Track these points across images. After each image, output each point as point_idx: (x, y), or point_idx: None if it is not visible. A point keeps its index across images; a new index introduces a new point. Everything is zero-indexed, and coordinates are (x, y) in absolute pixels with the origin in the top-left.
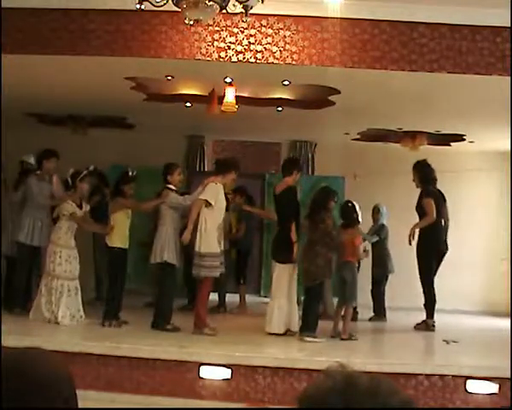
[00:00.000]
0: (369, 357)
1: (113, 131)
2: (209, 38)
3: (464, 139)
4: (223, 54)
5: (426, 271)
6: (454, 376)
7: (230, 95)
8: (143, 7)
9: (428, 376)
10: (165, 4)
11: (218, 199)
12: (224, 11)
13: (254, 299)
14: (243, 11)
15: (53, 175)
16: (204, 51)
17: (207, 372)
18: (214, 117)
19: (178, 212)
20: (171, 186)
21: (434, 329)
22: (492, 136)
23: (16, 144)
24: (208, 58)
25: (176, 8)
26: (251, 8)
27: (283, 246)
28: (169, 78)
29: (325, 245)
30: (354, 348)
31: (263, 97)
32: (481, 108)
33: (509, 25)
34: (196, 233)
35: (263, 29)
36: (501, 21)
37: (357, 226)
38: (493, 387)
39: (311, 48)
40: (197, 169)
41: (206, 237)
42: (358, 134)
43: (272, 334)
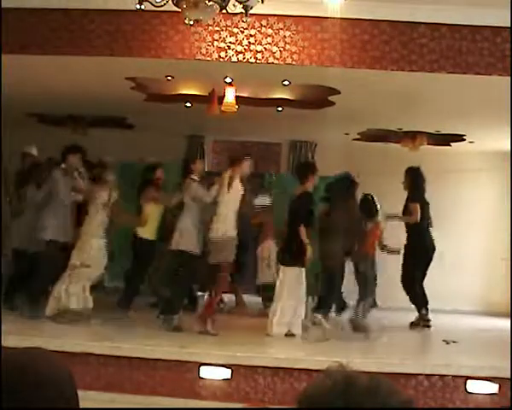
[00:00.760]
0: (369, 357)
1: (113, 131)
2: (209, 38)
3: (464, 139)
4: (223, 54)
5: (414, 274)
6: (454, 376)
7: (230, 95)
8: (143, 7)
9: (428, 376)
10: (165, 4)
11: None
12: (224, 11)
13: (254, 299)
14: (243, 11)
15: (75, 170)
16: (204, 51)
17: (207, 372)
18: (214, 117)
19: (201, 202)
20: (194, 176)
21: (430, 325)
22: (492, 136)
23: (16, 144)
24: (208, 58)
25: (176, 8)
26: (251, 8)
27: (293, 250)
28: (169, 78)
29: (351, 233)
30: (354, 348)
31: (263, 97)
32: (481, 108)
33: (509, 25)
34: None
35: (263, 29)
36: (501, 21)
37: (376, 218)
38: (493, 387)
39: (311, 48)
40: None
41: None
42: (358, 134)
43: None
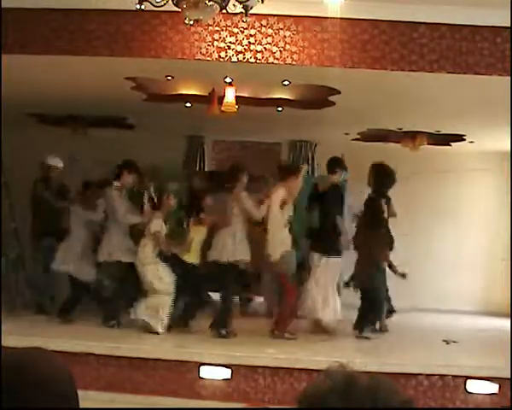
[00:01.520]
0: (369, 357)
1: (113, 131)
2: (209, 38)
3: (464, 139)
4: (223, 54)
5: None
6: (454, 376)
7: (230, 95)
8: (143, 7)
9: (428, 376)
10: (165, 4)
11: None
12: (224, 11)
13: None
14: (243, 11)
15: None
16: (204, 51)
17: (207, 372)
18: (214, 117)
19: (247, 215)
20: (239, 187)
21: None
22: (492, 136)
23: (16, 144)
24: (208, 58)
25: (176, 8)
26: (251, 8)
27: (331, 240)
28: (169, 78)
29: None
30: (354, 348)
31: (263, 97)
32: (481, 108)
33: (509, 25)
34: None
35: (263, 29)
36: (501, 21)
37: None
38: (493, 387)
39: (311, 48)
40: (197, 169)
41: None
42: (358, 134)
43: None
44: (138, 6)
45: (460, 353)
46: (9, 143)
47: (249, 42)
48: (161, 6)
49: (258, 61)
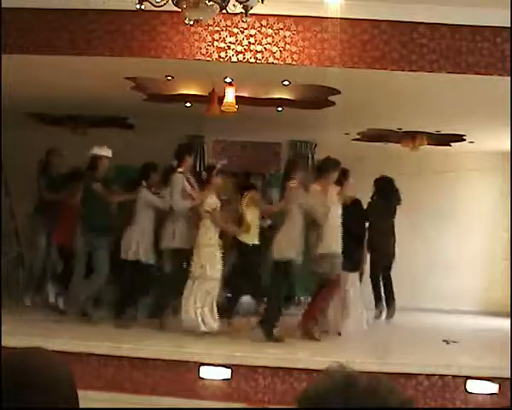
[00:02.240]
0: (369, 357)
1: (113, 131)
2: (209, 38)
3: (464, 139)
4: (223, 54)
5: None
6: (454, 376)
7: (230, 95)
8: (143, 7)
9: (428, 376)
10: (165, 4)
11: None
12: (224, 11)
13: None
14: (243, 11)
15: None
16: (204, 51)
17: (207, 372)
18: (214, 117)
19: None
20: (293, 183)
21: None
22: (492, 136)
23: (16, 144)
24: (208, 58)
25: (176, 8)
26: (251, 8)
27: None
28: (169, 78)
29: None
30: (354, 348)
31: (263, 97)
32: (481, 108)
33: (509, 25)
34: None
35: (263, 29)
36: (501, 21)
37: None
38: (493, 387)
39: (311, 48)
40: (197, 169)
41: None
42: (358, 134)
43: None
44: (138, 6)
45: (460, 353)
46: (9, 143)
47: (249, 42)
48: (161, 6)
49: (258, 61)
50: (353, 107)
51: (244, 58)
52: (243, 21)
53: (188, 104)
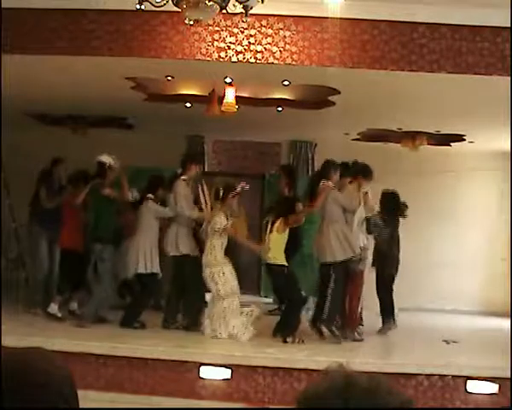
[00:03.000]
0: (369, 357)
1: (113, 131)
2: (209, 38)
3: (464, 139)
4: (223, 54)
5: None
6: (454, 376)
7: (230, 95)
8: (143, 7)
9: (428, 376)
10: (165, 4)
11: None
12: (224, 11)
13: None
14: (243, 11)
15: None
16: (204, 51)
17: (207, 372)
18: (214, 117)
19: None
20: (329, 183)
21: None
22: (492, 136)
23: (16, 144)
24: (208, 58)
25: (176, 8)
26: (251, 8)
27: None
28: (169, 78)
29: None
30: (354, 348)
31: (263, 97)
32: (481, 108)
33: (509, 25)
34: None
35: (263, 29)
36: (501, 21)
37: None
38: (493, 387)
39: (311, 48)
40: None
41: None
42: (358, 134)
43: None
44: (138, 6)
45: (460, 353)
46: (9, 144)
47: (249, 42)
48: (161, 6)
49: (258, 61)
50: (353, 107)
51: (244, 58)
52: (243, 21)
53: (188, 104)
